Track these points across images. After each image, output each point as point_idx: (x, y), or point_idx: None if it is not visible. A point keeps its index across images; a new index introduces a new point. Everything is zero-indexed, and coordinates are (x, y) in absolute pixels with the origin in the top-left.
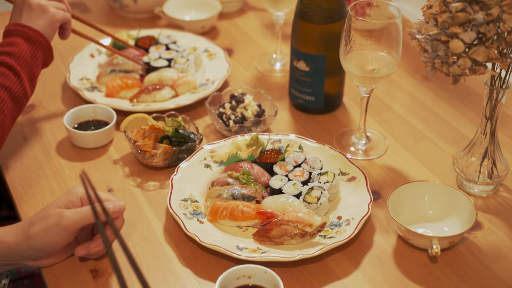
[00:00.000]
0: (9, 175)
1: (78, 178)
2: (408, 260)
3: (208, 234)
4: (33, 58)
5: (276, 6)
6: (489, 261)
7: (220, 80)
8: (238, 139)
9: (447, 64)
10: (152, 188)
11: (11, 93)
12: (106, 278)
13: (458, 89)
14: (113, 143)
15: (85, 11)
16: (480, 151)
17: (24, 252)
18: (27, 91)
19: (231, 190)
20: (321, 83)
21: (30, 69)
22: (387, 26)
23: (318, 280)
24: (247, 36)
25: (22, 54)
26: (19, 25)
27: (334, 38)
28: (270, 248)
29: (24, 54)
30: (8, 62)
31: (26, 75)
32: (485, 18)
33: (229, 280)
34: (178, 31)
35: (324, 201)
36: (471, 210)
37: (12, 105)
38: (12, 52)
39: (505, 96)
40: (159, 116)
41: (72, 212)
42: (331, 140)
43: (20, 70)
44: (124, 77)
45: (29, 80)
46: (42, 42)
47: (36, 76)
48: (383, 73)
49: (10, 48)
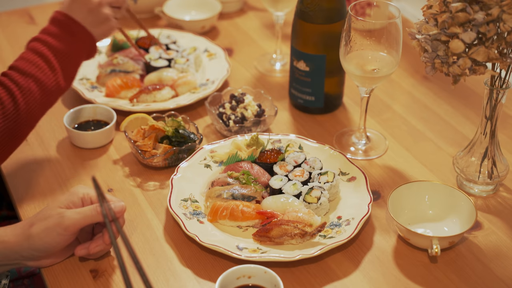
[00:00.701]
0: (9, 175)
1: (78, 178)
2: (408, 260)
3: (208, 234)
4: (75, 53)
5: (276, 6)
6: (489, 261)
7: (220, 80)
8: (238, 139)
9: (447, 64)
10: (152, 188)
11: (42, 86)
12: (106, 278)
13: (458, 89)
14: (113, 143)
15: None
16: (480, 151)
17: (25, 252)
18: (60, 85)
19: (231, 190)
20: (321, 83)
21: (68, 64)
22: (387, 26)
23: (318, 280)
24: (247, 36)
25: (63, 50)
26: (72, 20)
27: (334, 38)
28: (270, 248)
29: (65, 50)
30: (45, 54)
31: (63, 70)
32: (485, 18)
33: (229, 280)
34: (178, 31)
35: (324, 201)
36: (471, 210)
37: (41, 98)
38: (53, 45)
39: (505, 96)
40: (159, 116)
41: (73, 212)
42: (331, 140)
43: (56, 64)
44: (124, 77)
45: (65, 74)
46: (87, 40)
47: (75, 71)
48: (383, 73)
49: (52, 40)
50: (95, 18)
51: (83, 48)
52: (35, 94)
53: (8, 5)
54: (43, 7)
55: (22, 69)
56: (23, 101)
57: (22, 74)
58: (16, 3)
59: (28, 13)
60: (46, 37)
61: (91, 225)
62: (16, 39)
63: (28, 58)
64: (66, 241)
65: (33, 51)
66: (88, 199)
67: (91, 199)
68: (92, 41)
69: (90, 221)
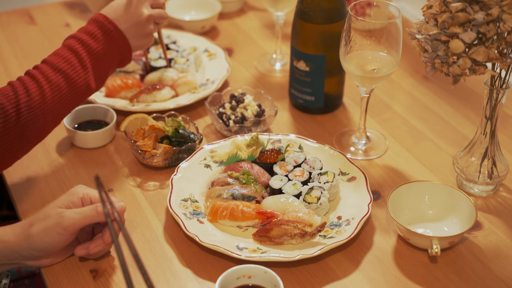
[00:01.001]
0: (9, 175)
1: (78, 178)
2: (408, 260)
3: (208, 234)
4: (108, 57)
5: (276, 6)
6: (489, 261)
7: (220, 80)
8: (238, 139)
9: (447, 64)
10: (152, 188)
11: (71, 83)
12: (106, 278)
13: (458, 89)
14: (113, 143)
15: (85, 11)
16: (480, 151)
17: (24, 252)
18: (90, 85)
19: (231, 190)
20: (321, 83)
21: (100, 66)
22: (387, 26)
23: (318, 280)
24: (247, 36)
25: (98, 51)
26: (114, 26)
27: (334, 38)
28: (270, 248)
29: (100, 52)
30: (79, 52)
31: (94, 70)
32: (485, 18)
33: (229, 280)
34: (178, 31)
35: (324, 201)
36: (471, 210)
37: (69, 95)
38: (89, 44)
39: (505, 96)
40: (159, 116)
41: (72, 212)
42: (331, 140)
43: (89, 63)
44: (124, 77)
45: (96, 75)
46: (124, 48)
47: (106, 74)
48: (383, 73)
49: (88, 39)
50: (139, 32)
51: (118, 54)
52: (63, 90)
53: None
54: (43, 7)
55: (54, 64)
56: (51, 95)
57: (53, 68)
58: (16, 3)
59: (28, 13)
60: (83, 35)
61: (91, 225)
62: (16, 39)
63: (61, 54)
64: (66, 241)
65: (67, 48)
66: (88, 199)
67: (91, 199)
68: (129, 50)
69: (90, 221)
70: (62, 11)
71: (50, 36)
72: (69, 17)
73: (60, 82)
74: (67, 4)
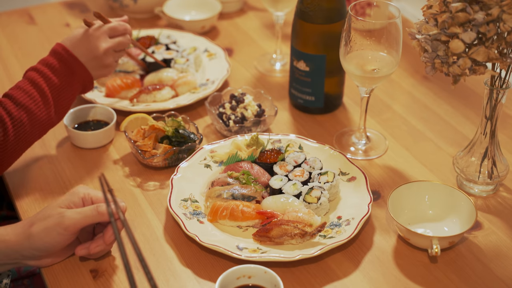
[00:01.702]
0: (9, 175)
1: (78, 178)
2: (408, 260)
3: (208, 234)
4: (70, 90)
5: (276, 6)
6: (489, 261)
7: (220, 80)
8: (238, 139)
9: (447, 64)
10: (152, 188)
11: (34, 117)
12: (106, 278)
13: (458, 89)
14: (113, 143)
15: (85, 11)
16: (480, 151)
17: (25, 251)
18: (52, 119)
19: (231, 190)
20: (321, 83)
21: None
22: (387, 26)
23: (318, 280)
24: (247, 36)
25: (59, 84)
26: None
27: (334, 38)
28: (270, 248)
29: (61, 85)
30: (41, 86)
31: (55, 103)
32: (485, 18)
33: (229, 280)
34: (178, 31)
35: (324, 201)
36: (471, 210)
37: (31, 130)
38: (50, 77)
39: (505, 96)
40: (159, 116)
41: (73, 212)
42: (331, 140)
43: (50, 97)
44: (124, 77)
45: (57, 108)
46: (86, 79)
47: (68, 106)
48: (383, 73)
49: (49, 72)
50: (98, 64)
51: (79, 84)
52: (25, 126)
53: (8, 5)
54: (43, 7)
55: (16, 99)
56: (13, 132)
57: (16, 104)
58: (16, 3)
59: (28, 13)
60: (44, 68)
61: (92, 225)
62: (16, 39)
63: (24, 88)
64: (66, 240)
65: (29, 81)
66: (89, 199)
67: (92, 199)
68: (90, 79)
69: (91, 221)
70: (62, 11)
71: (50, 36)
72: (69, 17)
73: (23, 118)
74: (67, 4)
